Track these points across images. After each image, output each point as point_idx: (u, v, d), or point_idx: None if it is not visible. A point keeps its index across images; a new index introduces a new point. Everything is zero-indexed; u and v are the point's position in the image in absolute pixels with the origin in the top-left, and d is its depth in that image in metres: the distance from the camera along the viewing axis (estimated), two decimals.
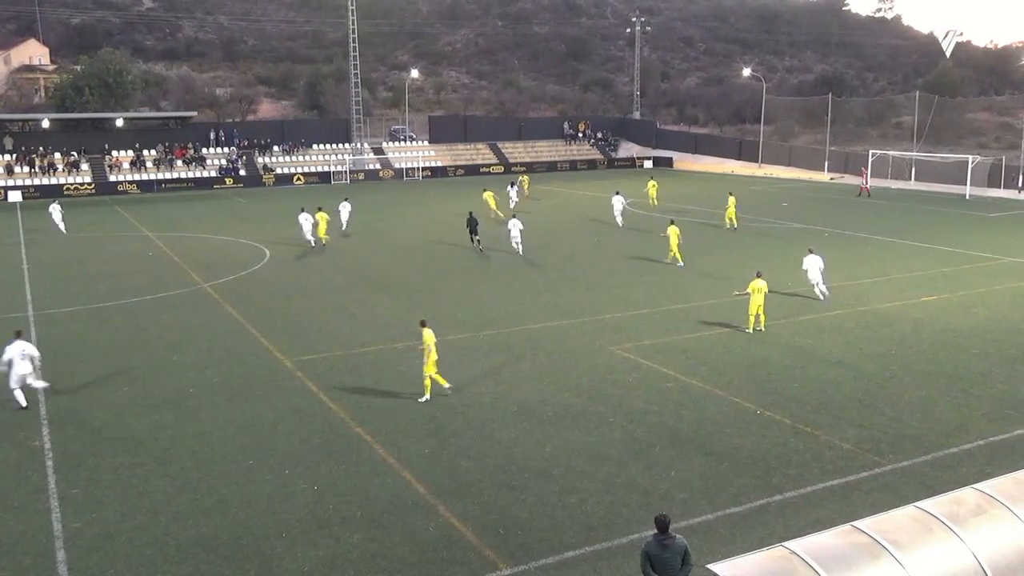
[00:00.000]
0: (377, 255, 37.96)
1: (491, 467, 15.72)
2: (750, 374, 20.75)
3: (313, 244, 39.77)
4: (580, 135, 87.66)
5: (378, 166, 76.41)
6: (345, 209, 44.69)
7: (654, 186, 53.64)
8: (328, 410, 18.65)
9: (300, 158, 75.02)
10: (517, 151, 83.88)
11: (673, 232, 33.86)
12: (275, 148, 74.89)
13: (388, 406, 18.86)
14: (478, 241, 37.99)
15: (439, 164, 78.64)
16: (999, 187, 59.62)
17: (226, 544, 13.18)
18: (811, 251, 28.35)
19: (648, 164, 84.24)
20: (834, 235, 41.16)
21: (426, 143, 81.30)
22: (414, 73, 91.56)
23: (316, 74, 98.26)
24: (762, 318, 24.30)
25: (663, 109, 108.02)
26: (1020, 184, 58.71)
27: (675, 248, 33.84)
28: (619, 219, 44.02)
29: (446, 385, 19.29)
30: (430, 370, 18.97)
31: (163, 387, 20.34)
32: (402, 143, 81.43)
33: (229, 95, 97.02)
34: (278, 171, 72.71)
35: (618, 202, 44.24)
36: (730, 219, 43.15)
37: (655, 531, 10.41)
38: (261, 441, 17.05)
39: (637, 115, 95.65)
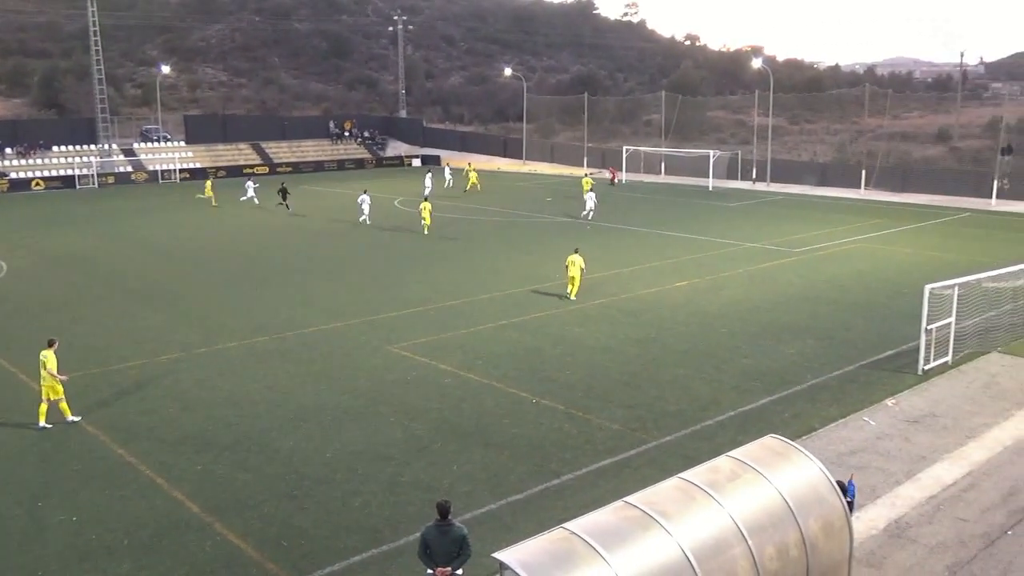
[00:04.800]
0: (136, 263, 35.54)
1: (270, 478, 15.23)
2: (524, 364, 21.44)
3: None
4: (347, 134, 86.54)
5: (130, 168, 71.47)
6: (249, 190, 52.09)
7: (473, 171, 61.35)
8: (86, 433, 17.26)
9: (39, 161, 68.64)
10: (282, 151, 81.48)
11: (426, 208, 41.60)
12: (7, 151, 68.06)
13: (154, 424, 17.76)
14: (287, 206, 49.53)
15: (198, 165, 74.79)
16: (737, 179, 65.35)
17: None
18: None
19: (417, 163, 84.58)
20: (595, 228, 43.32)
21: (182, 143, 77.04)
22: (165, 69, 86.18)
23: (53, 69, 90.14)
24: (573, 289, 27.82)
25: (429, 108, 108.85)
26: (754, 176, 64.63)
27: (428, 218, 41.25)
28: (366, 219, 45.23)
29: (42, 422, 17.53)
30: (50, 395, 17.52)
31: None
32: (156, 144, 76.67)
33: None
34: (12, 176, 66.14)
35: (365, 202, 45.59)
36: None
37: (437, 517, 10.55)
38: (7, 474, 15.48)
39: (403, 113, 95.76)
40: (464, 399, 19.08)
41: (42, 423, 17.56)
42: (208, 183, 57.62)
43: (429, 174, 58.99)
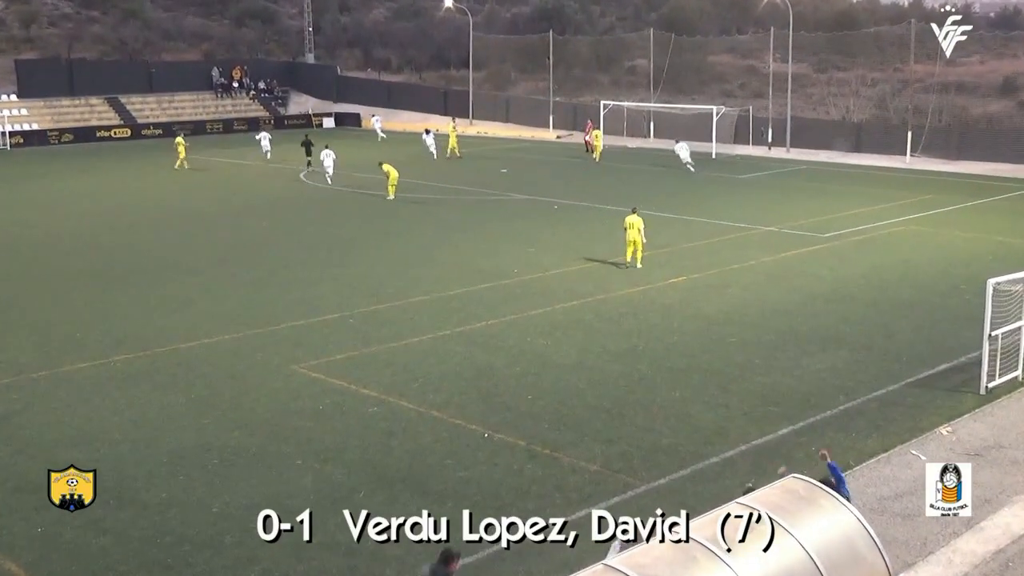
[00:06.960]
0: None
1: (136, 542, 15.09)
2: (473, 388, 21.46)
3: None
4: (236, 85, 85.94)
5: None
6: (329, 157, 51.99)
7: (453, 131, 63.26)
8: None
9: None
10: (149, 108, 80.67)
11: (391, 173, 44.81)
12: None
13: None
14: (309, 162, 55.08)
15: (35, 127, 73.81)
16: (747, 143, 65.90)
17: None
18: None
19: (329, 122, 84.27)
20: (565, 208, 43.45)
21: (14, 98, 75.92)
22: None
23: None
24: (638, 255, 31.15)
25: (345, 50, 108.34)
26: (770, 140, 65.25)
27: (393, 180, 44.86)
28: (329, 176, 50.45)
29: None
30: None
31: None
32: None
33: None
34: None
35: (328, 157, 50.20)
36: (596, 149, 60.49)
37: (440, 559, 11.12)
38: None
39: (311, 58, 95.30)
40: (394, 434, 19.04)
41: None
42: (179, 139, 59.25)
43: (430, 134, 61.36)
